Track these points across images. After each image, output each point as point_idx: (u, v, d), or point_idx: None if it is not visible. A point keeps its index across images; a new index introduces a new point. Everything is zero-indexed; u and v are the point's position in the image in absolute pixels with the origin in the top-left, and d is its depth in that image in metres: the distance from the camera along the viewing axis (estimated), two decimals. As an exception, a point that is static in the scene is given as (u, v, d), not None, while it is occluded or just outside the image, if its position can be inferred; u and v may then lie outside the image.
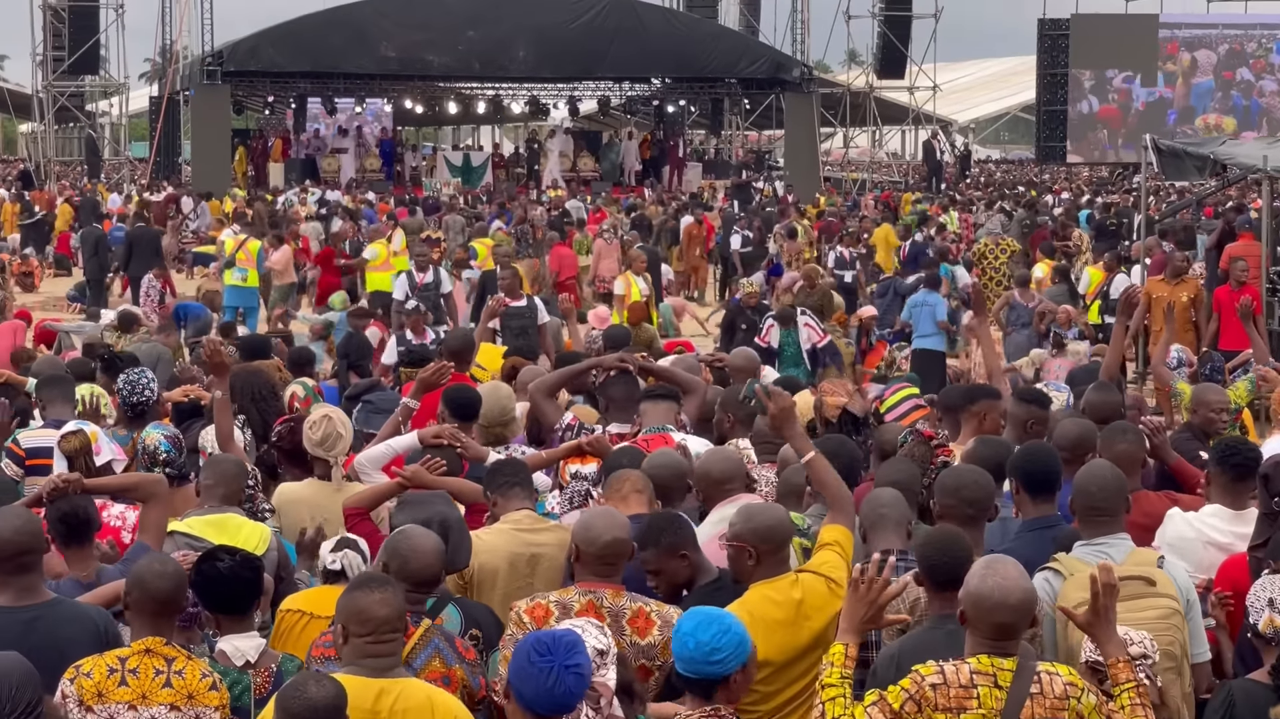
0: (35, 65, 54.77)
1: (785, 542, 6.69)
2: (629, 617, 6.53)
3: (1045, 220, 35.74)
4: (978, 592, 5.62)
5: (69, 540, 7.33)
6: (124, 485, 7.65)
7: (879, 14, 57.14)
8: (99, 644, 6.34)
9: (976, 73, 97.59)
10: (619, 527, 6.74)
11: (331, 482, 8.52)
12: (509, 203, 42.29)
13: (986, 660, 5.55)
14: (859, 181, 58.06)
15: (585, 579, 6.64)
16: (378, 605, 5.75)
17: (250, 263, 26.43)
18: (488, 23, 49.98)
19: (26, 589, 6.47)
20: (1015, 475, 7.65)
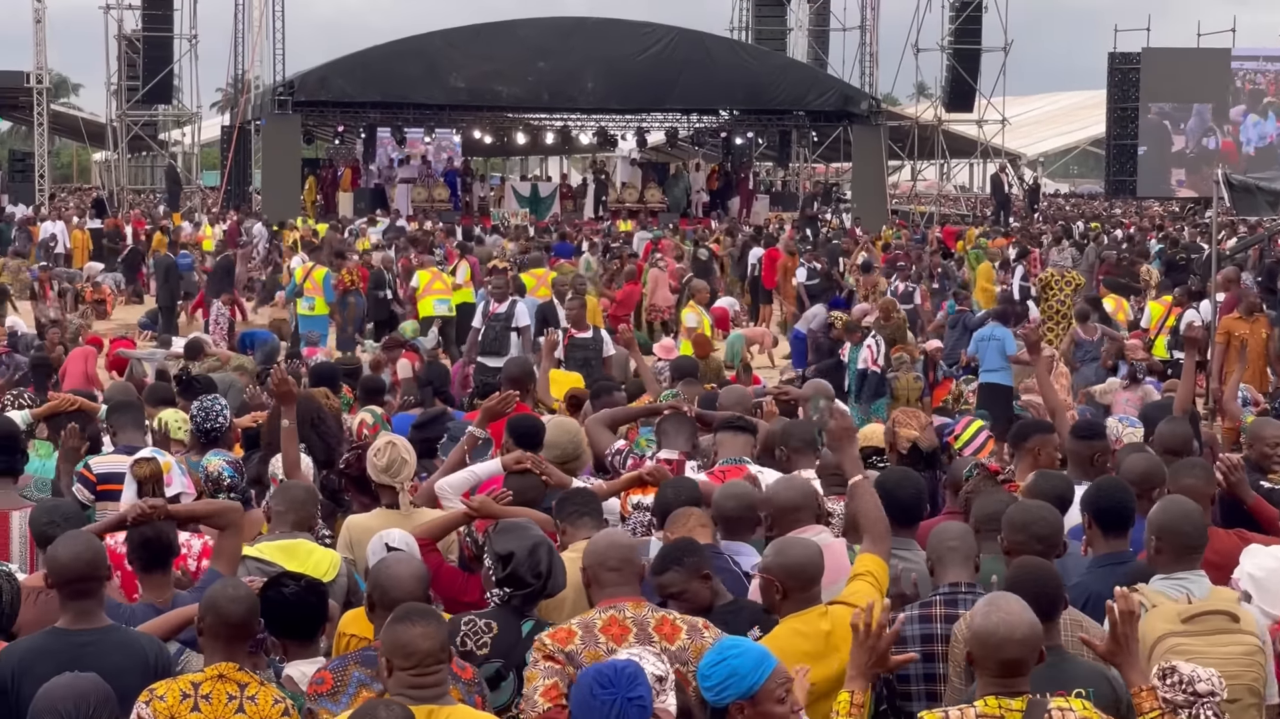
0: (110, 94, 55.34)
1: (813, 580, 6.63)
2: (654, 624, 6.50)
3: (1111, 254, 35.58)
4: (982, 629, 5.57)
5: (149, 566, 7.41)
6: (206, 513, 7.69)
7: (948, 47, 57.03)
8: (147, 675, 6.34)
9: (1045, 106, 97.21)
10: (620, 538, 6.92)
11: (400, 509, 8.54)
12: (572, 233, 42.41)
13: (994, 702, 5.49)
14: (926, 214, 57.93)
15: (602, 598, 6.65)
16: (420, 639, 5.76)
17: (317, 291, 26.56)
18: (557, 54, 50.24)
19: (83, 614, 6.51)
20: (1089, 510, 7.61)
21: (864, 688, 5.90)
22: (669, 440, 9.72)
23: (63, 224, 43.29)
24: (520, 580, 6.80)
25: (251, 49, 57.45)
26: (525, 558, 6.83)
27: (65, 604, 6.54)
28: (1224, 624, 6.56)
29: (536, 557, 6.86)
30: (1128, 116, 63.73)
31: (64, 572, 6.52)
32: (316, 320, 26.68)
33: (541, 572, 6.86)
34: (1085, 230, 48.65)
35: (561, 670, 6.24)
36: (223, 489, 9.04)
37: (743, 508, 7.93)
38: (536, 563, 6.85)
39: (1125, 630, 5.73)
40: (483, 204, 55.57)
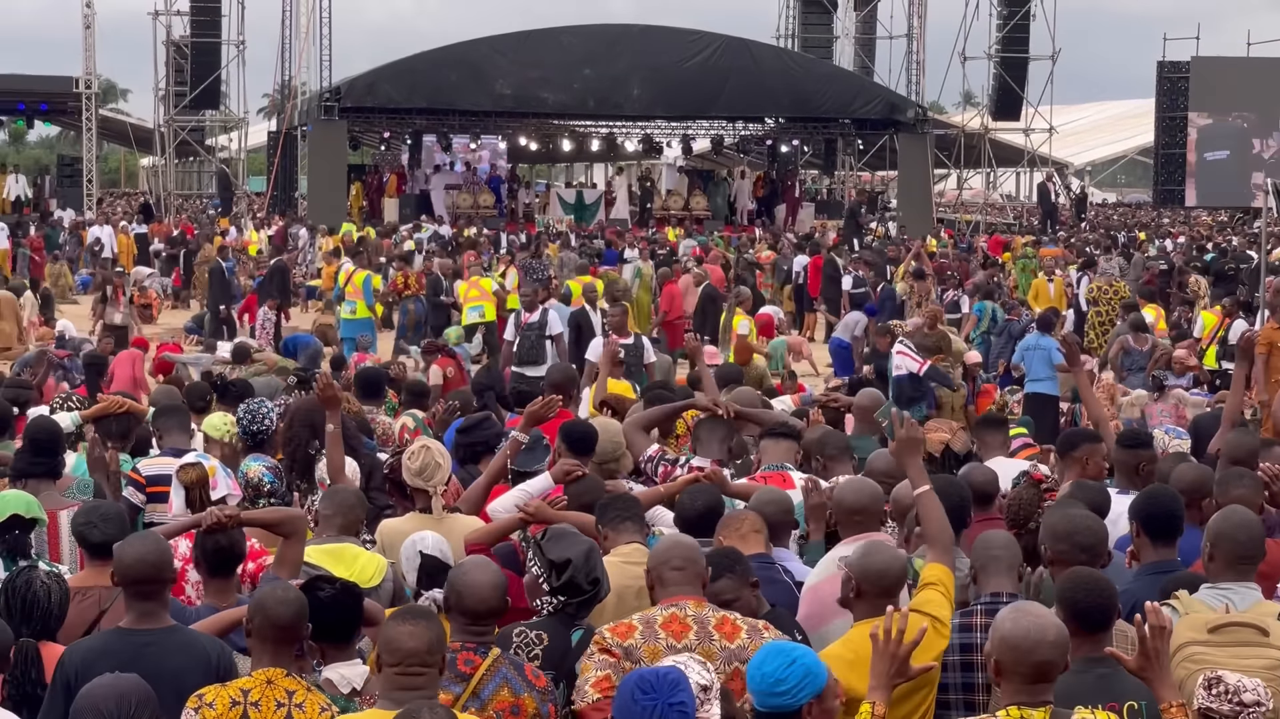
0: (157, 100, 55.62)
1: (892, 587, 6.60)
2: (715, 623, 6.53)
3: (1158, 264, 35.42)
4: (1012, 635, 5.52)
5: (216, 571, 7.53)
6: (273, 520, 7.73)
7: (995, 55, 56.90)
8: (209, 676, 6.39)
9: (1093, 115, 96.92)
10: (684, 540, 6.92)
11: (433, 514, 8.55)
12: (615, 240, 42.47)
13: (1016, 713, 5.45)
14: (972, 223, 57.78)
15: (664, 597, 6.66)
16: (406, 637, 5.76)
17: (358, 295, 26.66)
18: (603, 61, 50.31)
19: (147, 614, 6.57)
20: (1137, 518, 7.58)
21: (885, 699, 5.87)
22: (703, 448, 9.73)
23: (110, 228, 43.50)
24: (577, 587, 6.81)
25: (298, 55, 57.69)
26: (582, 564, 6.85)
27: (130, 604, 6.62)
28: (1250, 637, 6.49)
29: (592, 562, 6.90)
30: (1176, 125, 63.36)
31: (129, 571, 6.60)
32: (358, 324, 26.75)
33: (597, 577, 6.90)
34: (1129, 239, 48.48)
35: (616, 664, 6.27)
36: (262, 494, 9.08)
37: (780, 512, 7.92)
38: (592, 569, 6.88)
39: (1155, 645, 5.69)
40: (528, 210, 55.65)
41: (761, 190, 58.57)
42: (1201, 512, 8.16)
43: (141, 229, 45.66)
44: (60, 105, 54.83)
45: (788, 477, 9.07)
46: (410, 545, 7.52)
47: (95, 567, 7.46)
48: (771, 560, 7.52)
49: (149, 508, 9.76)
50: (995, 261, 38.21)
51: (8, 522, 7.92)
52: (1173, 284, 32.16)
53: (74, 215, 49.07)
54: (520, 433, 9.72)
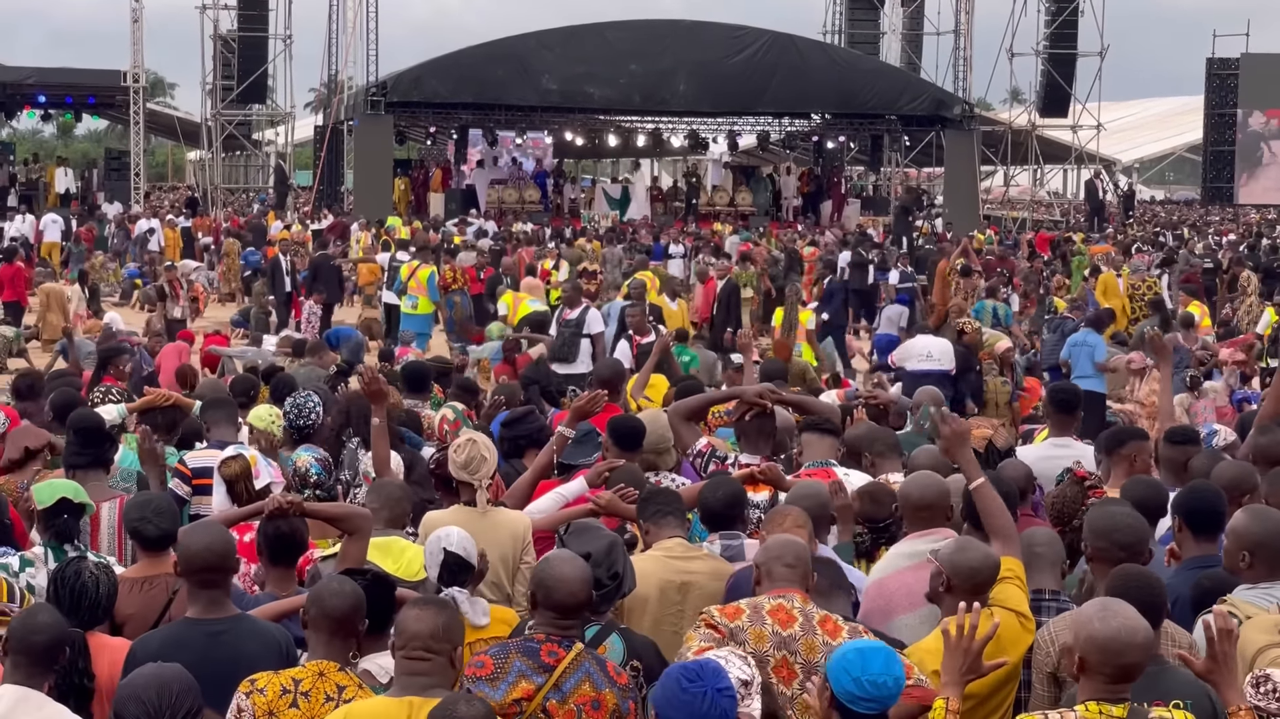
0: (204, 94, 55.84)
1: (983, 585, 6.58)
2: (819, 619, 6.54)
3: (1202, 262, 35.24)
4: (1102, 634, 5.49)
5: (277, 559, 7.56)
6: (337, 515, 7.72)
7: (1043, 52, 56.74)
8: (281, 662, 6.45)
9: (1141, 112, 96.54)
10: (792, 538, 6.89)
11: (477, 507, 8.58)
12: (663, 235, 42.51)
13: (1095, 708, 5.44)
14: (1019, 220, 57.62)
15: (771, 587, 6.67)
16: (414, 620, 5.86)
17: (421, 290, 26.73)
18: (649, 57, 50.33)
19: (213, 603, 6.63)
20: (1180, 513, 7.56)
21: (958, 694, 5.87)
22: (750, 444, 9.70)
23: (158, 221, 43.73)
24: (596, 581, 6.78)
25: (345, 50, 57.85)
26: (602, 558, 6.82)
27: (194, 594, 6.66)
28: None
29: (613, 556, 6.87)
30: (1225, 123, 63.16)
31: (194, 561, 6.65)
32: (419, 319, 26.84)
33: (618, 571, 6.87)
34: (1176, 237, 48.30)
35: (721, 640, 6.30)
36: (309, 485, 9.10)
37: (817, 507, 7.90)
38: (613, 563, 6.85)
39: (1224, 648, 5.67)
40: (573, 206, 55.72)
41: (807, 186, 58.49)
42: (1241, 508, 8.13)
43: (187, 223, 45.87)
44: (108, 99, 55.11)
45: (831, 473, 9.02)
46: (435, 541, 7.50)
47: (151, 559, 7.50)
48: (817, 555, 7.49)
49: (195, 500, 9.81)
50: (1041, 257, 38.11)
51: (56, 506, 7.97)
52: (1220, 281, 32.00)
53: (121, 209, 49.30)
54: (567, 428, 9.72)
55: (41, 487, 8.22)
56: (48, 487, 8.16)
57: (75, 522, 8.06)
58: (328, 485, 9.16)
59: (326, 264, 30.46)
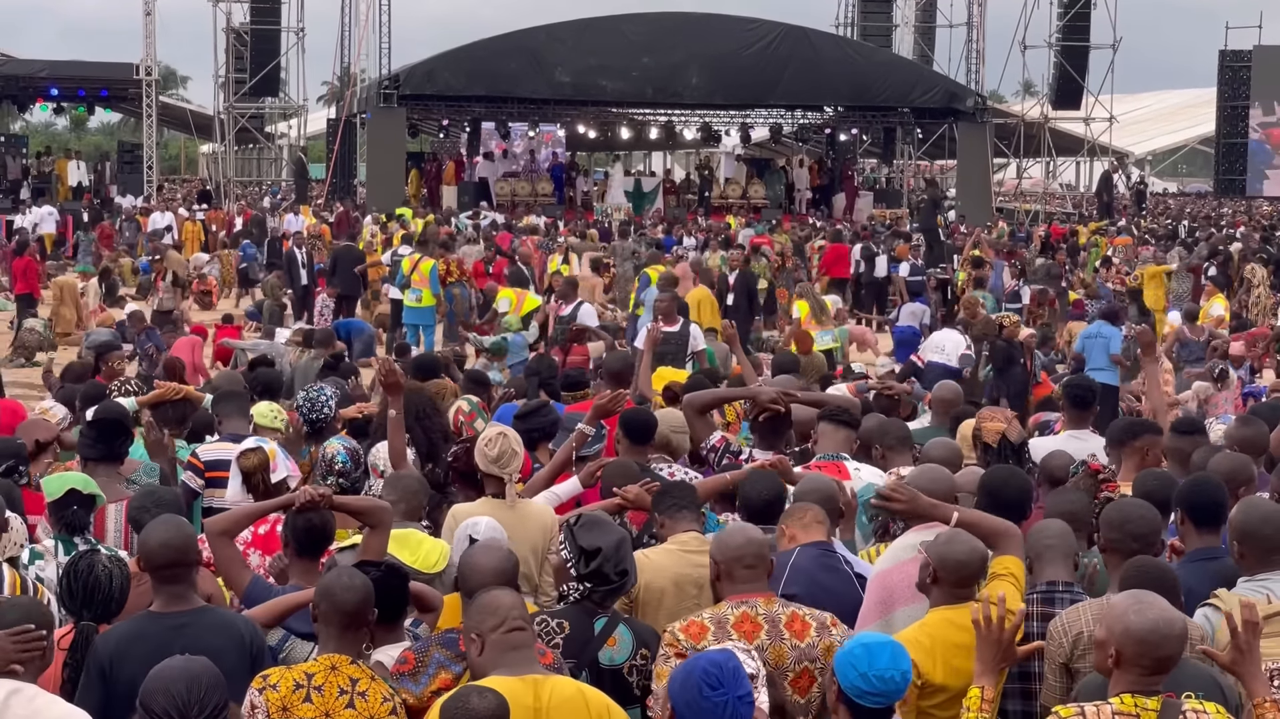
0: (217, 87, 55.89)
1: (970, 579, 6.59)
2: (785, 620, 6.58)
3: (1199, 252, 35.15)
4: (1139, 628, 5.49)
5: (304, 551, 7.53)
6: (361, 509, 7.70)
7: (1055, 44, 56.65)
8: (243, 654, 6.45)
9: (1154, 104, 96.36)
10: (751, 532, 6.89)
11: (506, 499, 8.59)
12: (676, 228, 42.50)
13: (1130, 700, 5.44)
14: (1031, 212, 57.55)
15: (733, 592, 6.69)
16: (503, 595, 5.96)
17: (424, 283, 26.72)
18: (662, 49, 50.31)
19: (175, 597, 6.59)
20: (1181, 506, 7.56)
21: (994, 683, 5.90)
22: (764, 441, 9.71)
23: (171, 215, 43.77)
24: (604, 577, 6.78)
25: (358, 42, 57.87)
26: (612, 553, 6.81)
27: (157, 588, 6.63)
28: None
29: (621, 553, 6.86)
30: (1238, 115, 63.05)
31: (154, 556, 6.62)
32: (422, 312, 26.82)
33: (625, 568, 6.87)
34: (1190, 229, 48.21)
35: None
36: (333, 473, 9.14)
37: (825, 499, 7.89)
38: (621, 560, 6.84)
39: (1248, 639, 5.68)
40: (586, 199, 55.70)
41: (818, 179, 58.41)
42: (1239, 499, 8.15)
43: (200, 215, 45.92)
44: (120, 92, 55.22)
45: (843, 466, 9.00)
46: (462, 529, 7.55)
47: None
48: (833, 549, 7.47)
49: (207, 493, 9.83)
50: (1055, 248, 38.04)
51: (65, 497, 7.99)
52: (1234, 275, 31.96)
53: (134, 201, 49.34)
54: (588, 425, 9.73)
55: (51, 478, 8.24)
56: (57, 478, 8.18)
57: (85, 513, 8.07)
58: (353, 476, 9.18)
59: (347, 256, 30.42)
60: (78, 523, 8.00)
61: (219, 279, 36.72)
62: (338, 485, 8.98)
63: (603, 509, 8.25)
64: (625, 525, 8.43)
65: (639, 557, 7.43)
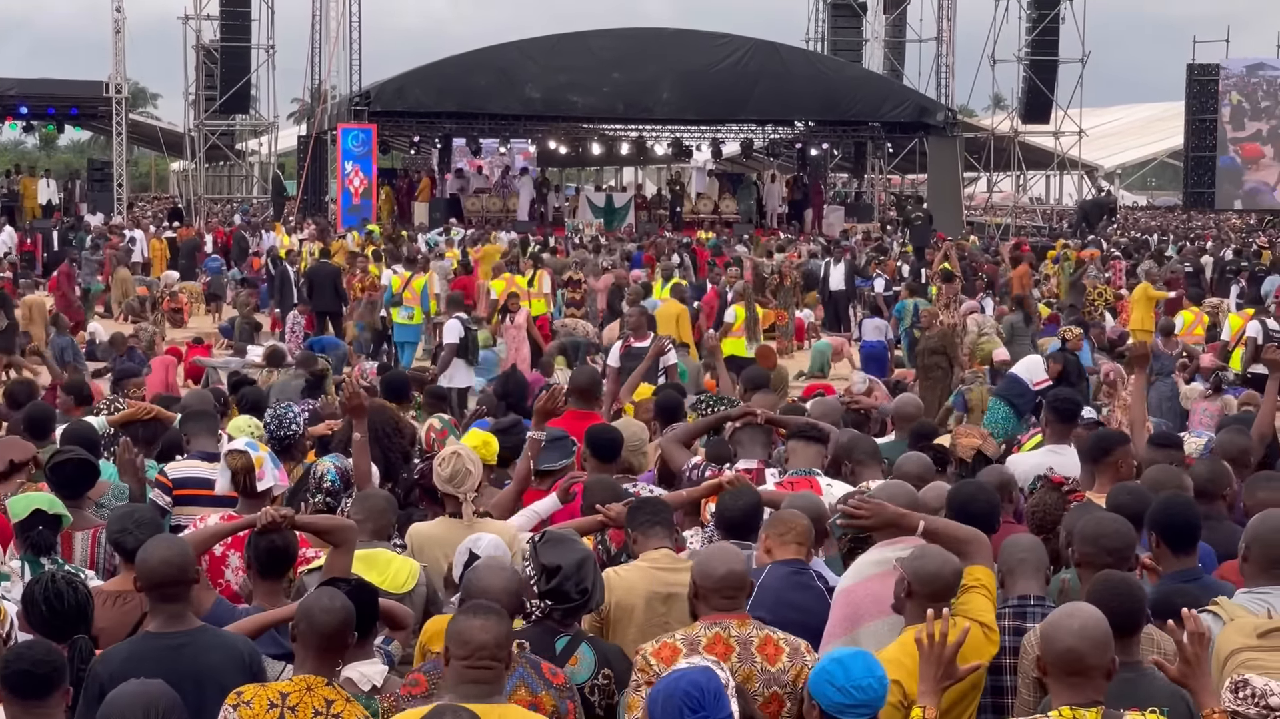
0: (187, 104, 55.83)
1: (944, 592, 6.58)
2: (757, 644, 6.56)
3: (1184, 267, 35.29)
4: (1048, 630, 5.61)
5: (267, 572, 7.50)
6: (324, 527, 7.71)
7: (1025, 59, 56.86)
8: (243, 673, 6.42)
9: (1123, 118, 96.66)
10: (735, 560, 6.79)
11: (463, 519, 8.55)
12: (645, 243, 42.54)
13: (1069, 713, 5.47)
14: (1002, 226, 57.69)
15: (708, 614, 6.67)
16: (478, 631, 5.83)
17: (415, 300, 27.01)
18: (632, 65, 50.34)
19: (174, 617, 6.58)
20: (1155, 528, 7.53)
21: (935, 703, 5.88)
22: (745, 450, 9.69)
23: (140, 232, 43.63)
24: (564, 595, 6.77)
25: (329, 59, 57.82)
26: (572, 572, 6.80)
27: (155, 607, 6.62)
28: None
29: (583, 572, 6.85)
30: (1206, 128, 63.23)
31: (154, 575, 6.60)
32: (414, 330, 27.04)
33: (586, 588, 6.85)
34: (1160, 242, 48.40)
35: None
36: (321, 491, 9.08)
37: (815, 519, 7.87)
38: (582, 579, 6.83)
39: (1195, 651, 5.68)
40: (557, 214, 55.70)
41: (792, 194, 58.47)
42: (1228, 503, 8.16)
43: (171, 233, 45.79)
44: (90, 110, 55.03)
45: (815, 481, 9.01)
46: (463, 546, 7.52)
47: (131, 571, 7.43)
48: (805, 567, 7.45)
49: (176, 510, 9.75)
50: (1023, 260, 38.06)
51: (31, 517, 7.92)
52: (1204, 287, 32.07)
53: (104, 219, 49.21)
54: (536, 431, 9.70)
55: (16, 499, 8.15)
56: (23, 499, 8.10)
57: (52, 534, 8.00)
58: (339, 497, 9.13)
59: (323, 273, 30.36)
60: (44, 543, 7.93)
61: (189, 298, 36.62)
62: (325, 504, 8.94)
63: (584, 526, 8.23)
64: (605, 543, 8.42)
65: (610, 574, 7.42)
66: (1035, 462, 10.23)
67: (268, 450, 9.21)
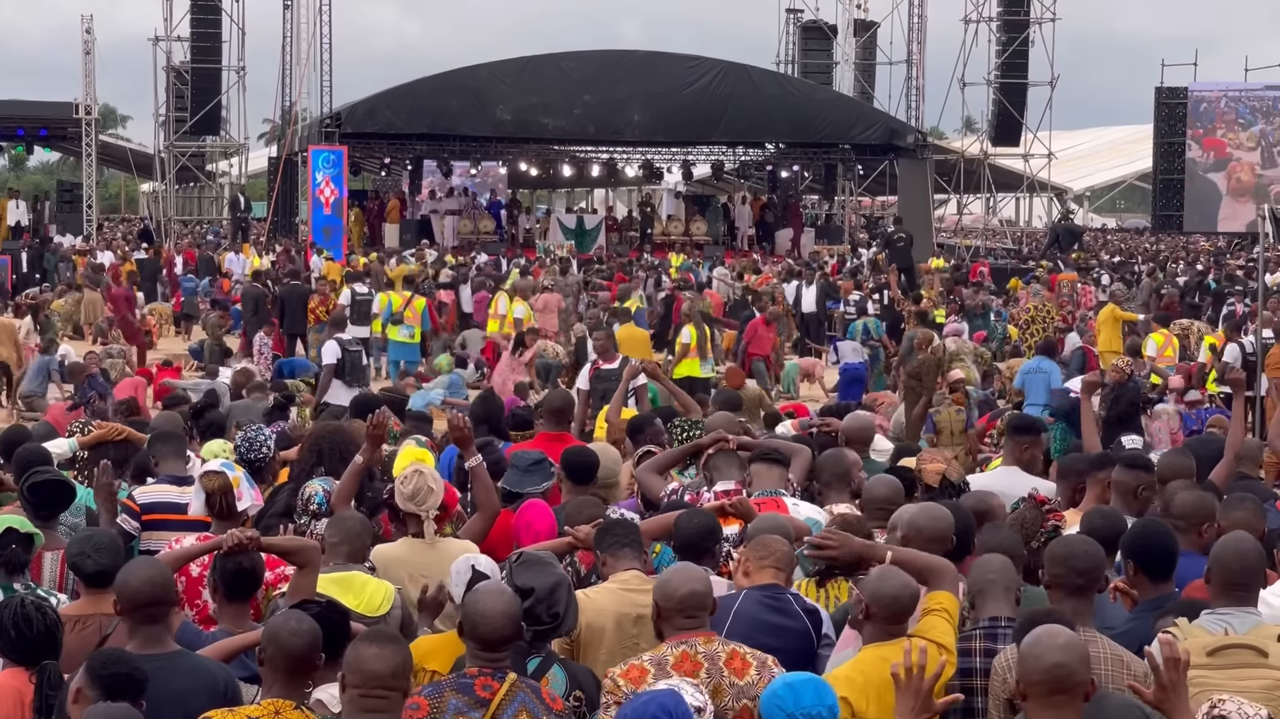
0: (158, 126, 55.75)
1: (901, 614, 6.62)
2: (724, 658, 6.58)
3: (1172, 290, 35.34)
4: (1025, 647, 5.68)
5: (234, 595, 7.46)
6: (289, 549, 7.67)
7: (994, 81, 57.07)
8: (217, 699, 6.37)
9: (1092, 140, 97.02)
10: (696, 579, 6.80)
11: (425, 538, 8.51)
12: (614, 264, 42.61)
13: None
14: (972, 248, 57.83)
15: (672, 634, 6.68)
16: (374, 659, 5.74)
17: (416, 320, 27.16)
18: (603, 87, 50.36)
19: (152, 639, 6.56)
20: (1132, 556, 7.54)
21: None
22: (721, 474, 9.65)
23: (110, 254, 43.49)
24: (535, 617, 6.76)
25: (299, 80, 57.77)
26: (545, 596, 6.79)
27: (134, 630, 6.59)
28: (1249, 658, 6.50)
29: (556, 596, 6.83)
30: (1174, 151, 63.56)
31: (136, 596, 6.58)
32: (413, 349, 27.23)
33: (558, 612, 6.83)
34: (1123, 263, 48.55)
35: None
36: (308, 513, 9.05)
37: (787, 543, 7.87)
38: (554, 603, 6.82)
39: (1172, 677, 5.70)
40: (528, 236, 55.70)
41: (765, 215, 58.52)
42: (1202, 537, 8.16)
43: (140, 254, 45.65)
44: (60, 131, 54.87)
45: (781, 502, 9.00)
46: (463, 562, 7.48)
47: (92, 595, 7.37)
48: (783, 592, 7.44)
49: (144, 535, 9.70)
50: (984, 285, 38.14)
51: (3, 537, 7.86)
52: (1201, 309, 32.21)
53: (73, 240, 49.06)
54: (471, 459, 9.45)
55: (-14, 519, 8.07)
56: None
57: (25, 553, 7.95)
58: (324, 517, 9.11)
59: (294, 295, 30.31)
60: (17, 562, 7.88)
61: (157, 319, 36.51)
62: (312, 527, 8.91)
63: (552, 548, 8.19)
64: (574, 564, 8.40)
65: (580, 596, 7.40)
66: (991, 483, 10.28)
67: (243, 471, 9.19)
